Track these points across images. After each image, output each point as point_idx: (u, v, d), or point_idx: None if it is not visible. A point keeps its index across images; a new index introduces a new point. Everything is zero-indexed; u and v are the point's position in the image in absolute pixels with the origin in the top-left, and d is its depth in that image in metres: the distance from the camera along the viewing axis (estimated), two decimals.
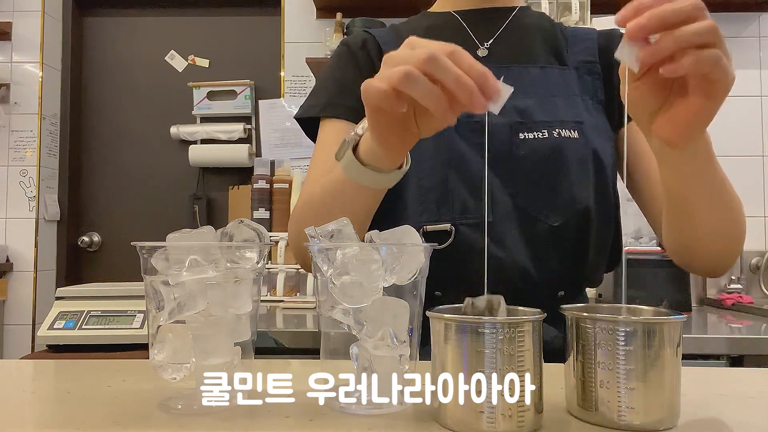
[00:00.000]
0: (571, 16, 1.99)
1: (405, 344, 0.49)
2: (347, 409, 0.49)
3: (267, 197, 2.09)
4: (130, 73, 2.53)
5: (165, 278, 0.49)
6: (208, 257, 0.49)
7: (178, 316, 0.49)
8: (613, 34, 0.89)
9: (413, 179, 0.79)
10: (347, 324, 0.50)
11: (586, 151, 0.79)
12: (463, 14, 0.90)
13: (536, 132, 0.79)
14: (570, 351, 0.48)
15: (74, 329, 1.64)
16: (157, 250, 0.50)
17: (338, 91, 0.87)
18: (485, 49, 0.87)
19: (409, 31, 0.91)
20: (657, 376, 0.44)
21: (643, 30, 0.47)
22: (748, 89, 2.24)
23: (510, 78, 0.83)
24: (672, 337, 0.45)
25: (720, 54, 0.48)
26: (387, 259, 0.50)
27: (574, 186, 0.78)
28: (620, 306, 0.53)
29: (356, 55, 0.89)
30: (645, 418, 0.44)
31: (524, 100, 0.80)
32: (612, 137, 0.84)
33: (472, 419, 0.43)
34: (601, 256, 0.84)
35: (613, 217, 0.84)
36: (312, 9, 2.27)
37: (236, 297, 0.50)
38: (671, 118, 0.54)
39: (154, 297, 0.50)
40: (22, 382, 0.63)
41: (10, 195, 2.35)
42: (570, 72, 0.85)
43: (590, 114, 0.83)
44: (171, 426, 0.46)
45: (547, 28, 0.90)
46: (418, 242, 0.53)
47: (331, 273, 0.50)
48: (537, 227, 0.78)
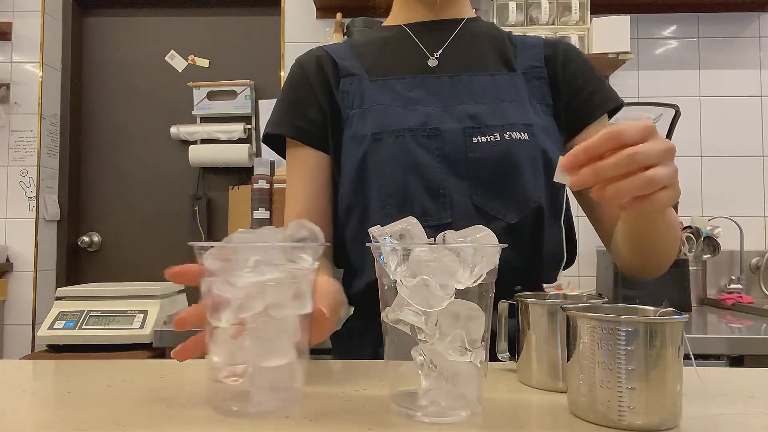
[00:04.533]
0: (571, 16, 1.99)
1: (480, 349, 0.48)
2: (414, 416, 0.48)
3: (267, 197, 2.09)
4: (130, 73, 2.53)
5: (224, 280, 0.48)
6: (273, 258, 0.49)
7: (239, 317, 0.48)
8: (558, 43, 0.93)
9: (374, 185, 0.82)
10: (412, 326, 0.48)
11: (536, 152, 0.82)
12: (412, 27, 0.94)
13: (489, 135, 0.82)
14: (572, 351, 0.49)
15: (74, 329, 1.64)
16: (207, 251, 0.49)
17: (288, 109, 0.91)
18: (435, 59, 0.90)
19: (364, 43, 0.95)
20: (659, 376, 0.44)
21: (574, 166, 0.53)
22: (748, 89, 2.24)
23: (460, 85, 0.87)
24: (674, 337, 0.45)
25: (643, 181, 0.52)
26: (466, 260, 0.48)
27: (526, 185, 0.81)
28: (621, 306, 0.53)
29: (309, 74, 0.91)
30: (646, 419, 0.44)
31: (475, 106, 0.84)
32: (560, 140, 0.88)
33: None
34: (556, 253, 0.87)
35: (565, 215, 0.88)
36: (312, 9, 2.27)
37: (298, 297, 0.50)
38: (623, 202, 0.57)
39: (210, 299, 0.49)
40: (22, 382, 0.63)
41: (10, 195, 2.35)
42: (518, 77, 0.88)
43: (539, 117, 0.86)
44: (171, 426, 0.46)
45: (496, 37, 0.94)
46: (495, 242, 0.51)
47: (402, 273, 0.48)
48: (494, 225, 0.79)
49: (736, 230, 2.09)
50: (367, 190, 0.83)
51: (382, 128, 0.83)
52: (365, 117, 0.85)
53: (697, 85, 2.25)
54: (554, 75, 0.89)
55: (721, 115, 2.24)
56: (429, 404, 0.48)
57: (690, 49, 2.26)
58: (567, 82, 0.89)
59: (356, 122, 0.85)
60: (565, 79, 0.89)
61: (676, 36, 2.26)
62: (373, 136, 0.82)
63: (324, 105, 0.89)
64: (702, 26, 2.25)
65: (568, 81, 0.89)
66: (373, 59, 0.91)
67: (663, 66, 2.26)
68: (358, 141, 0.84)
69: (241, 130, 2.39)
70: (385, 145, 0.82)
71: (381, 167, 0.82)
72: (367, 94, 0.87)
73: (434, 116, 0.83)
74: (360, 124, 0.85)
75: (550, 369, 0.58)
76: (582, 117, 0.89)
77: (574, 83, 0.89)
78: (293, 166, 0.92)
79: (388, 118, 0.83)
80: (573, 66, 0.90)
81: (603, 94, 0.90)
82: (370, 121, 0.84)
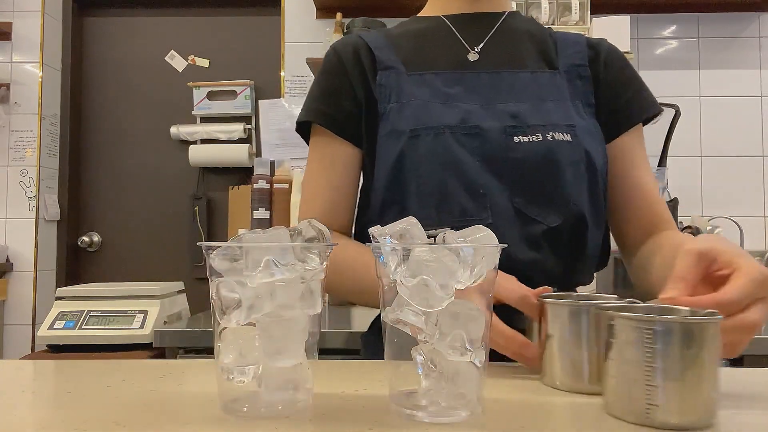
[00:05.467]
0: (571, 16, 1.99)
1: (480, 349, 0.48)
2: (414, 416, 0.47)
3: (267, 197, 2.09)
4: (130, 73, 2.53)
5: (234, 280, 0.48)
6: (284, 258, 0.48)
7: (251, 318, 0.48)
8: (601, 43, 0.91)
9: (412, 183, 0.80)
10: (411, 326, 0.48)
11: (579, 154, 0.80)
12: (452, 18, 0.91)
13: (530, 135, 0.79)
14: (608, 350, 0.49)
15: (74, 329, 1.64)
16: (215, 250, 0.49)
17: (321, 97, 0.89)
18: (475, 53, 0.88)
19: (400, 34, 0.92)
20: (694, 375, 0.45)
21: None
22: (748, 89, 2.24)
23: (501, 82, 0.85)
24: (713, 337, 0.45)
25: None
26: (466, 260, 0.48)
27: (569, 188, 0.79)
28: (654, 306, 0.54)
29: (345, 62, 0.88)
30: (681, 418, 0.45)
31: (516, 104, 0.82)
32: (603, 141, 0.85)
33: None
34: (593, 256, 0.85)
35: (604, 219, 0.85)
36: (312, 9, 2.27)
37: (308, 297, 0.50)
38: None
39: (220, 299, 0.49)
40: (22, 382, 0.63)
41: (10, 195, 2.35)
42: (560, 76, 0.86)
43: (581, 117, 0.84)
44: (171, 426, 0.46)
45: (536, 32, 0.91)
46: (495, 242, 0.50)
47: (402, 273, 0.48)
48: (534, 228, 0.78)
49: (736, 230, 2.08)
50: (404, 188, 0.80)
51: (421, 125, 0.80)
52: (403, 112, 0.82)
53: (697, 85, 2.25)
54: (596, 75, 0.87)
55: (721, 115, 2.24)
56: (429, 404, 0.48)
57: (690, 49, 2.26)
58: (608, 84, 0.87)
59: (393, 117, 0.83)
60: (607, 80, 0.87)
61: (676, 36, 2.26)
62: (411, 132, 0.80)
63: (360, 96, 0.86)
64: (702, 26, 2.25)
65: (609, 83, 0.87)
66: (411, 51, 0.88)
67: (663, 66, 2.26)
68: (396, 137, 0.81)
69: (241, 130, 2.39)
70: (423, 142, 0.80)
71: (419, 165, 0.79)
72: (404, 88, 0.84)
73: (474, 114, 0.81)
74: (397, 119, 0.82)
75: (575, 370, 0.57)
76: (618, 124, 0.87)
77: (615, 86, 0.87)
78: (321, 156, 0.89)
79: (426, 114, 0.81)
80: (615, 68, 0.88)
81: (641, 100, 0.88)
82: (408, 116, 0.82)
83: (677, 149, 2.12)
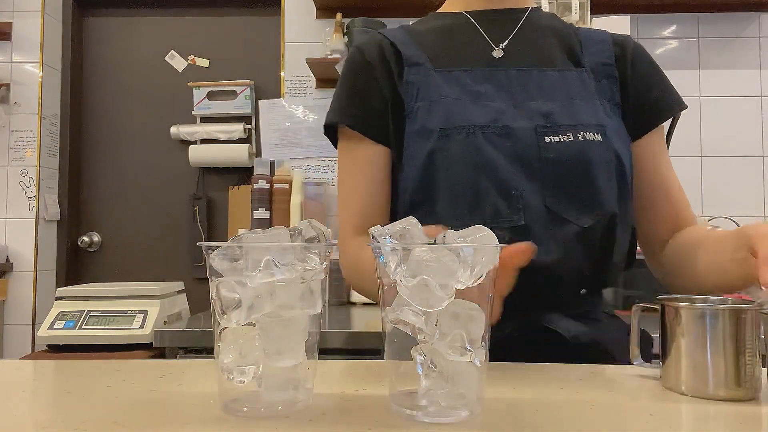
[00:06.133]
0: (571, 16, 1.99)
1: (480, 349, 0.48)
2: (414, 416, 0.47)
3: (267, 197, 2.09)
4: (130, 73, 2.53)
5: (234, 280, 0.48)
6: (284, 258, 0.48)
7: (251, 318, 0.48)
8: (627, 41, 0.89)
9: (442, 184, 0.78)
10: (413, 326, 0.48)
11: (609, 154, 0.79)
12: (475, 15, 0.89)
13: (561, 135, 0.78)
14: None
15: (74, 329, 1.64)
16: (215, 250, 0.49)
17: (348, 98, 0.87)
18: (500, 50, 0.86)
19: (423, 31, 0.90)
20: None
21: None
22: (748, 89, 2.24)
23: (529, 81, 0.84)
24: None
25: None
26: (466, 260, 0.47)
27: (600, 188, 0.78)
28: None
29: (371, 61, 0.87)
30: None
31: (547, 103, 0.80)
32: (629, 142, 0.85)
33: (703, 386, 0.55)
34: (622, 257, 0.84)
35: (632, 219, 0.84)
36: (312, 9, 2.27)
37: (308, 297, 0.50)
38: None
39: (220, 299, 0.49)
40: (22, 382, 0.63)
41: (10, 195, 2.35)
42: (587, 74, 0.85)
43: (609, 117, 0.83)
44: (171, 426, 0.46)
45: (561, 29, 0.90)
46: (495, 242, 0.50)
47: (402, 273, 0.47)
48: (567, 229, 0.77)
49: None
50: (434, 188, 0.79)
51: (451, 124, 0.79)
52: (432, 110, 0.81)
53: (697, 85, 2.25)
54: (623, 73, 0.86)
55: (721, 115, 2.23)
56: (429, 404, 0.48)
57: (690, 49, 2.26)
58: (634, 82, 0.86)
59: (422, 115, 0.81)
60: (633, 79, 0.86)
61: (676, 36, 2.26)
62: (441, 131, 0.79)
63: (387, 94, 0.85)
64: (702, 26, 2.25)
65: (636, 81, 0.86)
66: (436, 48, 0.86)
67: (663, 66, 2.23)
68: (425, 136, 0.80)
69: (241, 130, 2.39)
70: (454, 141, 0.78)
71: (450, 165, 0.78)
72: (432, 86, 0.82)
73: (505, 113, 0.80)
74: (427, 117, 0.81)
75: (701, 374, 0.56)
76: (645, 122, 0.87)
77: (641, 85, 0.86)
78: (352, 158, 0.87)
79: (456, 113, 0.79)
80: (642, 66, 0.88)
81: (668, 98, 0.88)
82: (438, 115, 0.80)
83: (677, 149, 2.11)
